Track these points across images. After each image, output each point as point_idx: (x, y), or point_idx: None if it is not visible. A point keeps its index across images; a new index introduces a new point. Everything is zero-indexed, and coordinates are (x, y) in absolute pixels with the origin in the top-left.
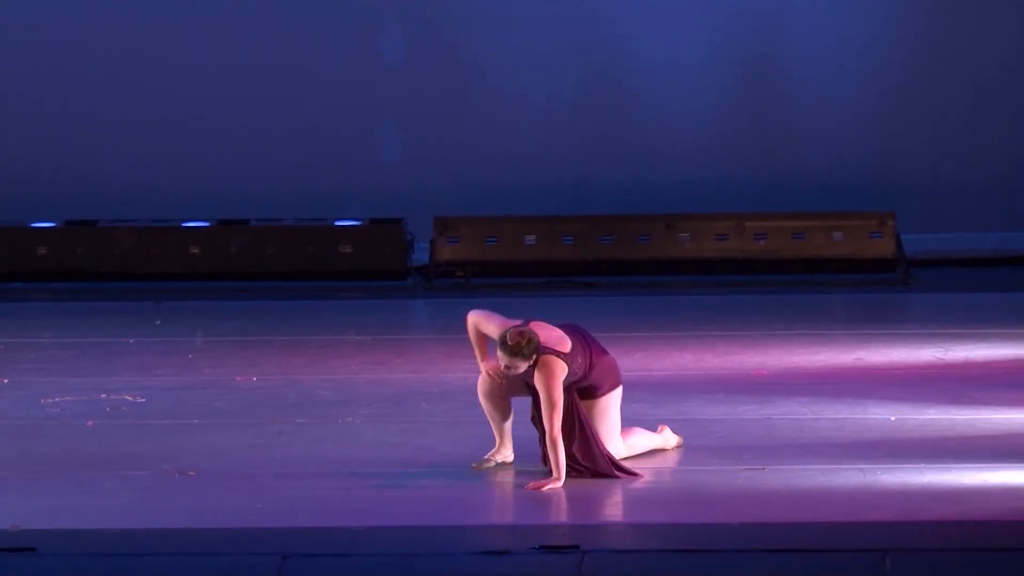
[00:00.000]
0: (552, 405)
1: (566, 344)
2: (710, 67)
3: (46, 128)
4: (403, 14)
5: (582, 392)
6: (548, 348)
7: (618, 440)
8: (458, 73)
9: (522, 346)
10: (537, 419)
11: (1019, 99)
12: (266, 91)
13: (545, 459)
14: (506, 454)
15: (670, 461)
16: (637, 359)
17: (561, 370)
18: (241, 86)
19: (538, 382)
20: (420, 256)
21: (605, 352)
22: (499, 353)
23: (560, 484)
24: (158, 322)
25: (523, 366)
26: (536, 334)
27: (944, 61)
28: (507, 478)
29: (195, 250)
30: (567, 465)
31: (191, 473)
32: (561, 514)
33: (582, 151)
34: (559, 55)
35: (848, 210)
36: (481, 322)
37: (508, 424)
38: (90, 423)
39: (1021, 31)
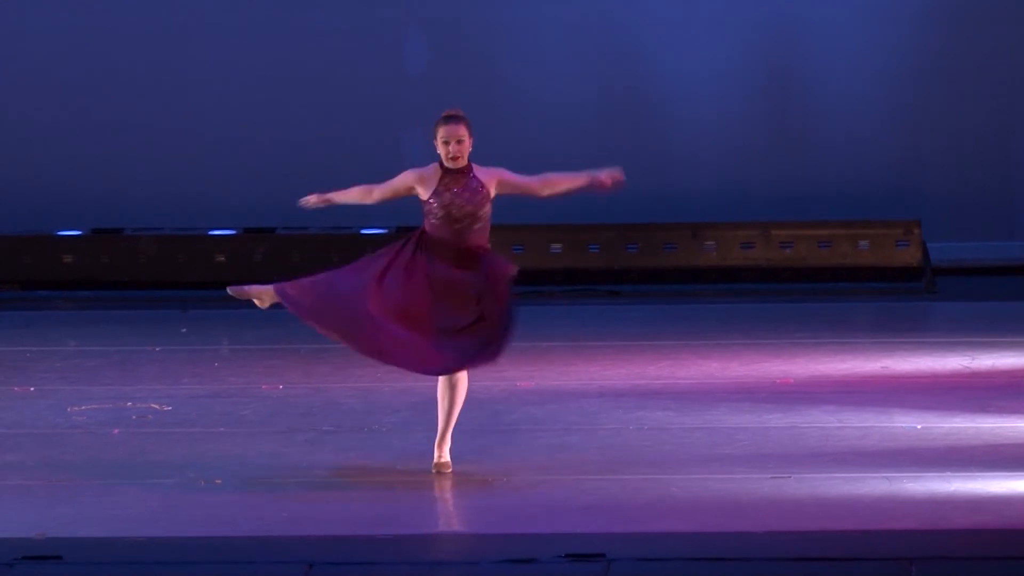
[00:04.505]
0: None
1: None
2: (734, 76)
3: (72, 137)
4: (426, 23)
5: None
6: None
7: None
8: (482, 81)
9: (460, 113)
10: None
11: None
12: (291, 100)
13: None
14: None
15: (695, 470)
16: (663, 367)
17: None
18: (266, 95)
19: (497, 173)
20: None
21: None
22: (441, 131)
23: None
24: (183, 330)
25: (466, 137)
26: None
27: (967, 68)
28: (531, 486)
29: (221, 258)
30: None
31: (217, 481)
32: (587, 522)
33: (606, 159)
34: (583, 64)
35: (872, 218)
36: (373, 190)
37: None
38: (116, 431)
39: None
